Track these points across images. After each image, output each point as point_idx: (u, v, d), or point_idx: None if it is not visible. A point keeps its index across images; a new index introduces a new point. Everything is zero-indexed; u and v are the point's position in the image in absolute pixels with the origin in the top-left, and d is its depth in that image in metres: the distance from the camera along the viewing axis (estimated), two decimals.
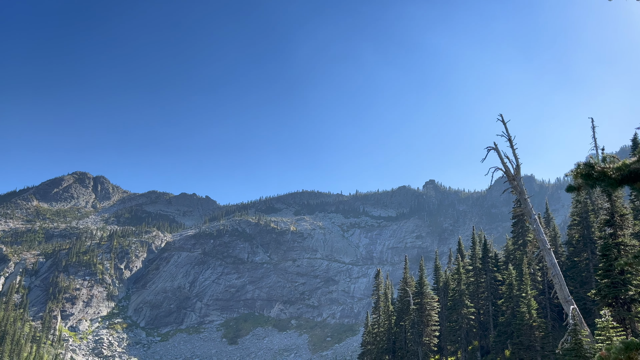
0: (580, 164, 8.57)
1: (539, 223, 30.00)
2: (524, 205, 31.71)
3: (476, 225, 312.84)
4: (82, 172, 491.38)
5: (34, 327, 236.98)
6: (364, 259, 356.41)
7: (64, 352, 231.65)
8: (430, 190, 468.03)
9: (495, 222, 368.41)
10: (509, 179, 32.28)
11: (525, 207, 31.64)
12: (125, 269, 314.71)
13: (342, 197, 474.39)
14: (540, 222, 51.89)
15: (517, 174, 32.16)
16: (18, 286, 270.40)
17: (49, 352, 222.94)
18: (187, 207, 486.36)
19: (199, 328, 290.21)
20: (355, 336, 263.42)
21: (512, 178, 31.95)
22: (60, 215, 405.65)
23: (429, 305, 75.31)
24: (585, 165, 8.42)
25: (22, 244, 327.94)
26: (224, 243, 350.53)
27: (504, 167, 32.68)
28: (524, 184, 32.28)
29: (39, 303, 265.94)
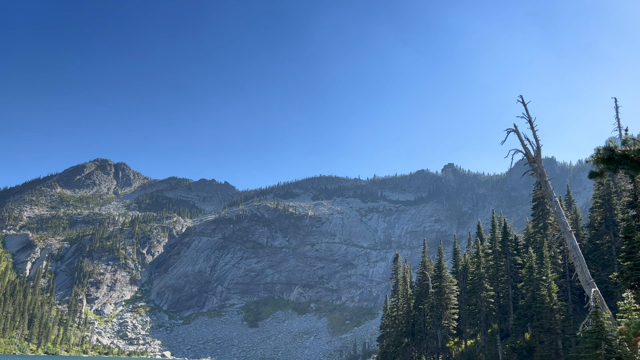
0: (601, 148, 8.48)
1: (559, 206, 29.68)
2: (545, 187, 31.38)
3: (496, 209, 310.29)
4: (104, 159, 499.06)
5: (61, 310, 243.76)
6: (382, 243, 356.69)
7: (90, 335, 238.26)
8: (449, 173, 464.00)
9: (515, 205, 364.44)
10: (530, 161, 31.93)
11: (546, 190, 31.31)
12: (147, 254, 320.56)
13: (360, 182, 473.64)
14: (561, 204, 51.32)
15: (537, 156, 31.79)
16: (44, 271, 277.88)
17: (75, 334, 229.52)
18: (206, 193, 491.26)
19: (220, 311, 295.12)
20: (374, 319, 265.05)
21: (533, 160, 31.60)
22: (83, 201, 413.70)
23: (448, 289, 75.32)
24: (606, 150, 8.33)
25: (47, 230, 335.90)
26: (244, 228, 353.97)
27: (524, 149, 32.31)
28: (544, 166, 31.91)
29: (65, 287, 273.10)
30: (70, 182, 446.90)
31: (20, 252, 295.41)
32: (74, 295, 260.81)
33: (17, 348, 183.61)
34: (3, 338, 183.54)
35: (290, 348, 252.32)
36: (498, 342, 59.32)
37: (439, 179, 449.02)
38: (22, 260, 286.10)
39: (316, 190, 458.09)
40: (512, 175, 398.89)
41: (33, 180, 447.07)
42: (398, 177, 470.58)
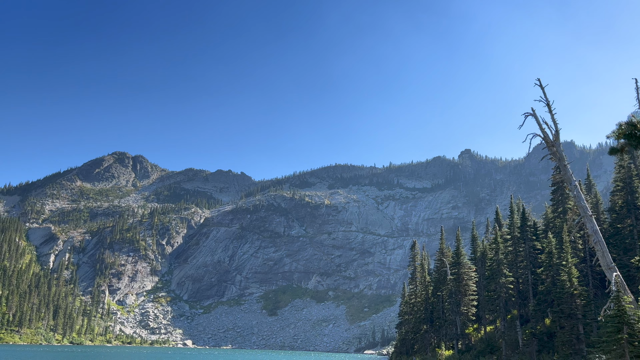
0: (622, 123, 8.30)
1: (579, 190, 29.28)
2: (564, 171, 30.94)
3: (514, 194, 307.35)
4: (122, 152, 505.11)
5: (84, 301, 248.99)
6: (399, 230, 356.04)
7: (113, 325, 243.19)
8: (466, 160, 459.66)
9: (533, 190, 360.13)
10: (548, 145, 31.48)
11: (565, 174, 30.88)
12: (167, 245, 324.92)
13: (376, 170, 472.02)
14: (581, 188, 50.61)
15: (556, 140, 31.31)
16: (67, 263, 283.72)
17: (99, 324, 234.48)
18: (223, 184, 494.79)
19: (239, 300, 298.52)
20: (392, 306, 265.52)
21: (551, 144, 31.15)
22: (102, 194, 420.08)
23: (467, 275, 75.04)
24: (628, 125, 8.17)
25: (68, 222, 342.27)
26: (261, 218, 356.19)
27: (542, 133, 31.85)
28: (563, 150, 31.43)
29: (88, 279, 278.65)
30: (90, 176, 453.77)
31: (44, 244, 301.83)
32: (97, 286, 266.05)
33: (43, 338, 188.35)
34: (29, 329, 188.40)
35: (310, 336, 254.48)
36: (518, 328, 59.05)
37: (455, 165, 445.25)
38: (46, 252, 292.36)
39: (332, 179, 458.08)
40: (530, 160, 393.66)
41: (54, 174, 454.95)
42: (414, 164, 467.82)
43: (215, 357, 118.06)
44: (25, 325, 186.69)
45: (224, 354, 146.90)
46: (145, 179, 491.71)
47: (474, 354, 63.88)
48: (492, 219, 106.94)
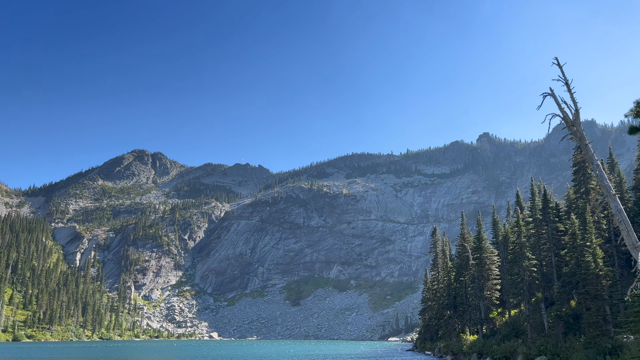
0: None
1: (601, 169, 28.80)
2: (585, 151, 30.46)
3: (535, 176, 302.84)
4: (141, 150, 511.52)
5: (111, 297, 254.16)
6: (419, 217, 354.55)
7: (140, 320, 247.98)
8: (484, 143, 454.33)
9: (554, 171, 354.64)
10: (568, 125, 30.99)
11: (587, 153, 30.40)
12: (189, 240, 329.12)
13: (393, 157, 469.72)
14: (603, 167, 49.79)
15: (576, 119, 30.80)
16: (93, 261, 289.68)
17: (126, 319, 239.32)
18: (241, 177, 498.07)
19: (262, 292, 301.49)
20: (414, 293, 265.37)
21: (571, 124, 30.65)
22: (124, 192, 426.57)
23: (489, 260, 74.56)
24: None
25: (92, 221, 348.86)
26: (280, 210, 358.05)
27: (561, 113, 31.35)
28: (584, 129, 30.88)
29: (113, 275, 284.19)
30: (111, 174, 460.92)
31: (70, 243, 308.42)
32: (123, 282, 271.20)
33: (74, 335, 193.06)
34: (60, 326, 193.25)
35: (333, 325, 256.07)
36: (543, 311, 58.61)
37: (474, 150, 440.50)
38: (72, 251, 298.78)
39: (349, 168, 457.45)
40: (550, 141, 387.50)
41: (76, 174, 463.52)
42: (432, 150, 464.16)
43: (242, 348, 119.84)
44: (55, 323, 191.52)
45: (250, 345, 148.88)
46: (165, 175, 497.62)
47: (499, 338, 63.68)
48: (513, 202, 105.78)
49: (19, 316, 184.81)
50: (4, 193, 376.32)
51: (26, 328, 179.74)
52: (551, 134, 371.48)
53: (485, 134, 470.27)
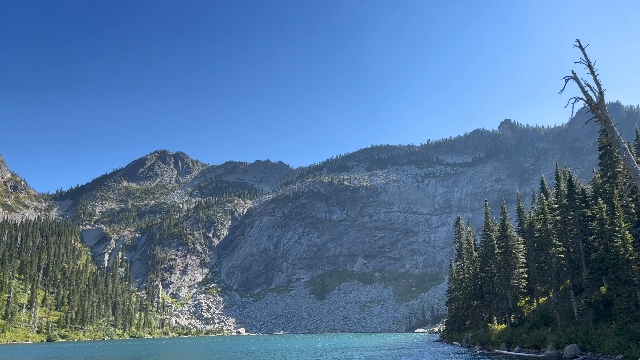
0: None
1: (629, 151, 28.21)
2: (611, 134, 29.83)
3: (559, 162, 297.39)
4: (163, 150, 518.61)
5: (140, 296, 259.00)
6: (442, 208, 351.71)
7: (168, 317, 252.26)
8: (506, 130, 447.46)
9: (579, 156, 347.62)
10: (592, 108, 30.37)
11: (612, 136, 29.77)
12: (214, 237, 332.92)
13: (414, 148, 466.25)
14: (630, 150, 48.63)
15: (600, 102, 30.17)
16: (121, 261, 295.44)
17: (155, 318, 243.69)
18: (262, 174, 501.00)
19: (287, 287, 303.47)
20: (440, 284, 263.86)
21: (596, 107, 30.04)
22: (148, 192, 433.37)
23: (515, 248, 73.64)
24: None
25: (119, 222, 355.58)
26: (302, 205, 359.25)
27: (585, 97, 30.74)
28: (609, 111, 30.28)
29: (141, 275, 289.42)
30: (135, 175, 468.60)
31: (97, 245, 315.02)
32: (150, 281, 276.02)
33: (105, 334, 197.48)
34: (92, 325, 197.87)
35: (359, 317, 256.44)
36: (572, 298, 57.71)
37: (496, 137, 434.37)
38: (100, 252, 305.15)
39: (369, 161, 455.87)
40: (574, 125, 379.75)
41: (101, 176, 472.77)
42: (453, 139, 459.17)
43: (273, 342, 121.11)
44: (87, 323, 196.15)
45: (279, 339, 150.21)
46: (187, 174, 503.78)
47: (527, 327, 62.99)
48: (538, 189, 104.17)
49: (52, 317, 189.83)
50: (33, 198, 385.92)
51: (59, 328, 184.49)
52: (575, 118, 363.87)
53: (507, 120, 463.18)
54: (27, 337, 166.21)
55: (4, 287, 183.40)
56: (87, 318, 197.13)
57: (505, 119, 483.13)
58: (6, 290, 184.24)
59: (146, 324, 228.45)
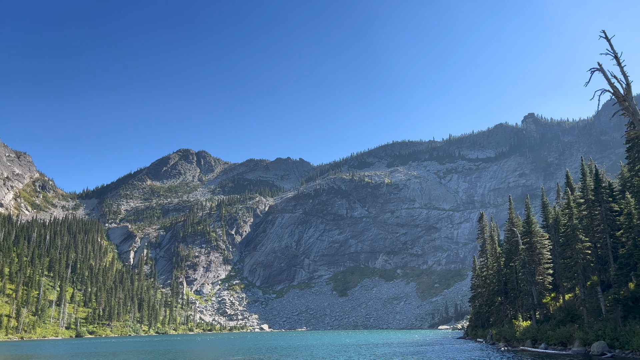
0: None
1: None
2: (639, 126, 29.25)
3: (585, 156, 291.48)
4: (185, 149, 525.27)
5: (165, 293, 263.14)
6: (465, 203, 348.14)
7: (193, 314, 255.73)
8: (530, 124, 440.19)
9: (606, 149, 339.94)
10: (619, 100, 29.80)
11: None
12: (236, 234, 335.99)
13: (435, 144, 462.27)
14: None
15: (627, 94, 29.59)
16: (146, 258, 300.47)
17: (180, 314, 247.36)
18: (283, 171, 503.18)
19: (309, 283, 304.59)
20: (463, 281, 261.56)
21: (623, 99, 29.47)
22: (172, 191, 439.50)
23: (540, 244, 72.55)
24: None
25: (143, 220, 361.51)
26: (322, 202, 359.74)
27: (611, 89, 30.18)
28: (637, 103, 29.71)
29: (166, 272, 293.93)
30: (158, 174, 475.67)
31: (123, 242, 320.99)
32: (175, 278, 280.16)
33: (132, 330, 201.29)
34: (118, 322, 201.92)
35: (382, 314, 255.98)
36: (599, 294, 56.67)
37: (519, 131, 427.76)
38: (126, 250, 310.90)
39: (390, 157, 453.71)
40: (601, 118, 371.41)
41: (125, 175, 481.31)
42: (475, 134, 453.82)
43: (298, 338, 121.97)
44: (114, 319, 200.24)
45: (303, 336, 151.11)
46: (209, 172, 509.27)
47: (553, 324, 62.11)
48: (563, 184, 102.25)
49: (80, 313, 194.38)
50: (60, 197, 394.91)
51: (87, 324, 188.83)
52: (601, 110, 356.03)
53: (531, 114, 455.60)
54: (56, 333, 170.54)
55: (34, 284, 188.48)
56: (114, 314, 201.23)
57: (528, 112, 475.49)
58: (36, 287, 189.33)
59: (171, 320, 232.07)
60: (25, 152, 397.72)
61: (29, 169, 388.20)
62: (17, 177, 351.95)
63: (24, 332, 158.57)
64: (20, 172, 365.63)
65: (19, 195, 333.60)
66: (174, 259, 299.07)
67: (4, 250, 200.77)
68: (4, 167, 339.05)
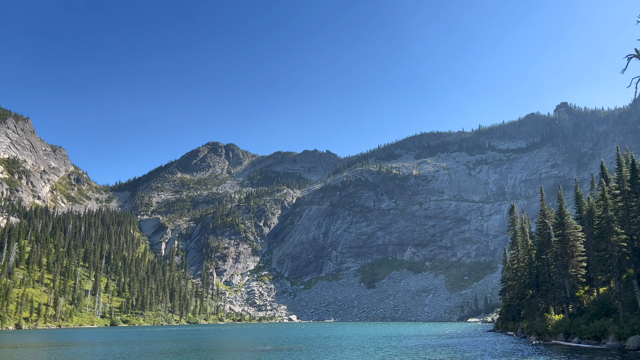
0: None
1: None
2: None
3: (620, 145, 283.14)
4: (214, 142, 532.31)
5: (195, 283, 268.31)
6: (495, 195, 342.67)
7: (223, 304, 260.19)
8: (562, 114, 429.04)
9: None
10: None
11: None
12: (264, 226, 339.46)
13: (465, 134, 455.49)
14: None
15: None
16: (177, 249, 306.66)
17: (210, 304, 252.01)
18: (310, 163, 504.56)
19: (337, 275, 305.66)
20: (493, 273, 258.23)
21: None
22: (201, 183, 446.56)
23: (573, 236, 71.11)
24: None
25: (174, 212, 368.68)
26: (350, 194, 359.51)
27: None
28: None
29: (196, 263, 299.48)
30: (188, 167, 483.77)
31: (155, 234, 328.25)
32: (205, 269, 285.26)
33: (163, 319, 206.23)
34: (151, 311, 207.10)
35: (410, 306, 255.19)
36: (635, 288, 55.35)
37: (551, 121, 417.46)
38: (157, 241, 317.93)
39: (418, 148, 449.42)
40: (638, 107, 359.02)
41: (156, 168, 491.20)
42: (506, 124, 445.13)
43: (329, 329, 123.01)
44: (147, 309, 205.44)
45: (331, 326, 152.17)
46: (238, 165, 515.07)
47: (587, 317, 60.99)
48: (597, 175, 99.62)
49: (114, 303, 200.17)
50: (94, 190, 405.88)
51: (121, 313, 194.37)
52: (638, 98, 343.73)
53: (564, 103, 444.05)
54: (92, 322, 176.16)
55: (70, 274, 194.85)
56: (147, 304, 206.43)
57: (561, 102, 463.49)
58: (72, 277, 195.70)
59: (202, 310, 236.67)
60: (60, 146, 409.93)
61: (64, 162, 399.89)
62: (53, 170, 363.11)
63: (61, 321, 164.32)
64: (56, 165, 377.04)
65: (55, 188, 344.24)
66: (204, 250, 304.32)
67: (42, 241, 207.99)
68: (41, 161, 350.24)
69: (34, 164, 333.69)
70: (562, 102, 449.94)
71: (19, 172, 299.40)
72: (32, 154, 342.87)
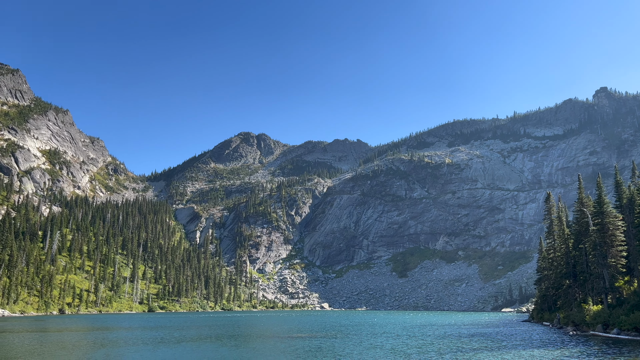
0: None
1: None
2: None
3: None
4: (246, 132, 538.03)
5: (229, 271, 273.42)
6: (531, 183, 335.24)
7: (256, 292, 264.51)
8: (602, 99, 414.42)
9: None
10: None
11: None
12: (296, 215, 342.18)
13: (499, 121, 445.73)
14: None
15: None
16: (211, 238, 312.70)
17: (244, 292, 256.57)
18: (341, 153, 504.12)
19: (368, 264, 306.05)
20: (528, 263, 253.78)
21: None
22: (234, 173, 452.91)
23: (612, 225, 69.39)
24: None
25: (208, 201, 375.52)
26: (381, 183, 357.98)
27: None
28: None
29: (230, 251, 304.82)
30: (221, 157, 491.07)
31: (189, 223, 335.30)
32: (238, 257, 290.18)
33: (199, 306, 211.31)
34: (187, 298, 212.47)
35: (442, 296, 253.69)
36: None
37: (590, 107, 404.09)
38: (192, 230, 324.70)
39: (451, 136, 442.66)
40: None
41: (190, 158, 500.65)
42: (542, 110, 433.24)
43: (357, 317, 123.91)
44: (183, 295, 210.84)
45: (363, 315, 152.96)
46: (269, 155, 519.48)
47: (627, 308, 59.69)
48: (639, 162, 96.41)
49: (151, 289, 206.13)
50: (131, 180, 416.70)
51: (158, 300, 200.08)
52: None
53: (603, 88, 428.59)
54: (130, 308, 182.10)
55: (109, 262, 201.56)
56: (183, 291, 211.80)
57: (600, 86, 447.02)
58: (111, 264, 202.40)
59: (235, 297, 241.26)
60: (98, 138, 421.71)
61: (102, 153, 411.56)
62: (91, 161, 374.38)
63: (102, 306, 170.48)
64: (95, 156, 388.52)
65: (94, 178, 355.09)
66: (237, 239, 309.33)
67: (83, 230, 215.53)
68: (80, 152, 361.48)
69: (74, 155, 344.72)
70: (601, 87, 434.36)
71: (59, 163, 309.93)
72: (72, 145, 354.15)
